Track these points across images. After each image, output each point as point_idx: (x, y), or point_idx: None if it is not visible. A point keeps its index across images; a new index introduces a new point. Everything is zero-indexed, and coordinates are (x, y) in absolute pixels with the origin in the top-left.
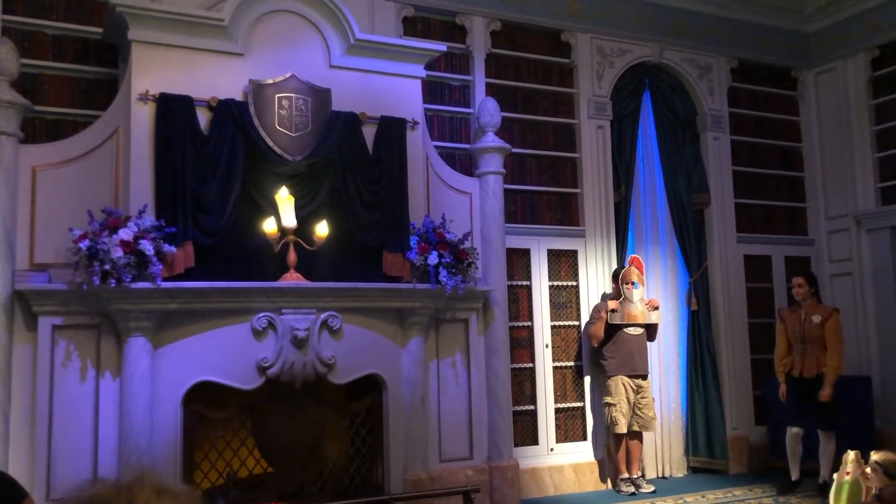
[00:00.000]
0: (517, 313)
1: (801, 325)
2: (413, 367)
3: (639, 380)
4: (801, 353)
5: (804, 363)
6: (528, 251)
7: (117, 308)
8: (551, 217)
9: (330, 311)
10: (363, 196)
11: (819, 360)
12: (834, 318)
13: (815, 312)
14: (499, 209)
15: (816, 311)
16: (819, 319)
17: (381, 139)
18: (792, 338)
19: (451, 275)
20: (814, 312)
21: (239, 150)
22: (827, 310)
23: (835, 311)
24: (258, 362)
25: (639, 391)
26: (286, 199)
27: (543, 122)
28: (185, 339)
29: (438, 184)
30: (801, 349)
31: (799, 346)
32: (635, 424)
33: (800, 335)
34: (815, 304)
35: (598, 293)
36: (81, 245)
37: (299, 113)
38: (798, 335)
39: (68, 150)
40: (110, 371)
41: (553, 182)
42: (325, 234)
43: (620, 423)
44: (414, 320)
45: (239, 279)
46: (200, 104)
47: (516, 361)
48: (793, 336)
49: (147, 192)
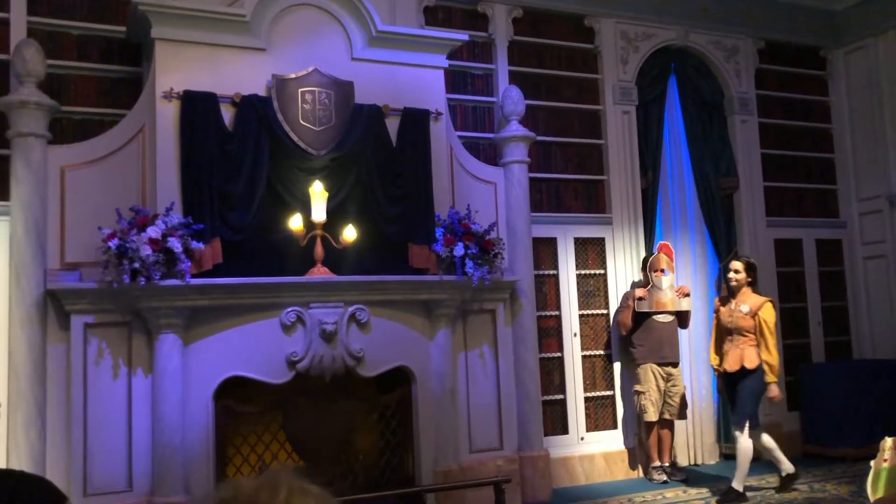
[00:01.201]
0: (544, 303)
1: (730, 315)
2: (441, 359)
3: (669, 367)
4: (735, 347)
5: (728, 356)
6: (555, 240)
7: (147, 305)
8: (577, 205)
9: (357, 304)
10: (388, 189)
11: (743, 353)
12: (765, 308)
13: (745, 302)
14: (524, 198)
15: (746, 300)
16: (746, 310)
17: (405, 131)
18: (723, 329)
19: (478, 266)
20: (743, 302)
21: (264, 146)
22: (758, 300)
23: (767, 301)
24: (287, 356)
25: (669, 379)
26: (320, 194)
27: (568, 109)
28: (215, 335)
29: (463, 174)
30: (728, 341)
31: (727, 338)
32: (666, 412)
33: (728, 326)
34: (748, 294)
35: (627, 281)
36: (111, 244)
37: (322, 107)
38: (727, 326)
39: (96, 150)
40: (142, 368)
41: (579, 169)
42: (352, 238)
43: (650, 412)
44: (441, 312)
45: (266, 274)
46: (224, 100)
47: (544, 351)
48: (724, 327)
49: (174, 190)
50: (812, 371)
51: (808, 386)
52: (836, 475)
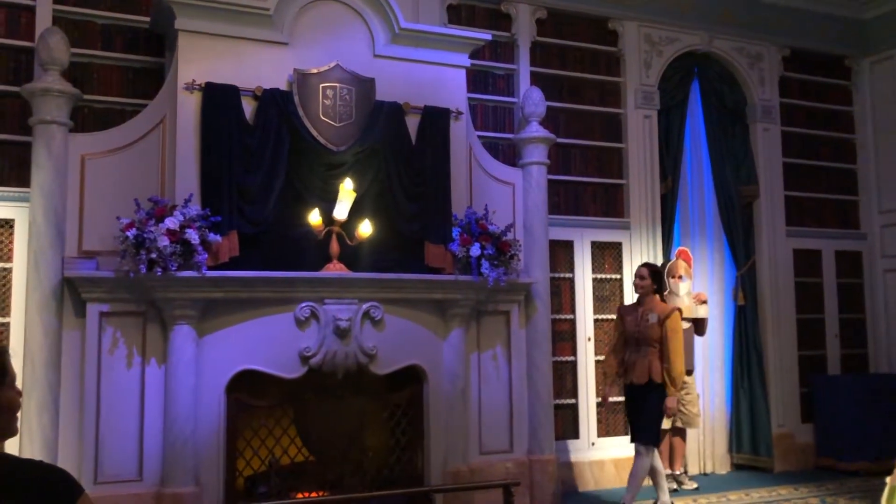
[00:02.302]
0: (559, 306)
1: (636, 325)
2: (454, 359)
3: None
4: (642, 357)
5: (635, 368)
6: (572, 243)
7: (163, 296)
8: (596, 208)
9: (372, 301)
10: (406, 187)
11: (651, 365)
12: (674, 317)
13: (652, 310)
14: (542, 200)
15: (654, 308)
16: (655, 319)
17: (425, 129)
18: (629, 338)
19: (494, 266)
20: (651, 310)
21: (284, 140)
22: (665, 308)
23: (675, 310)
24: (301, 352)
25: (683, 386)
26: (349, 192)
27: (589, 112)
28: (229, 328)
29: (481, 174)
30: (635, 352)
31: (633, 349)
32: (679, 421)
33: (635, 336)
34: (656, 302)
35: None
36: (128, 233)
37: (343, 103)
38: (633, 336)
39: (116, 139)
40: (156, 358)
41: (598, 173)
42: (367, 233)
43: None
44: (455, 312)
45: (282, 269)
46: (246, 93)
47: (558, 354)
48: (629, 336)
49: (193, 182)
50: (827, 383)
51: (822, 398)
52: (848, 489)
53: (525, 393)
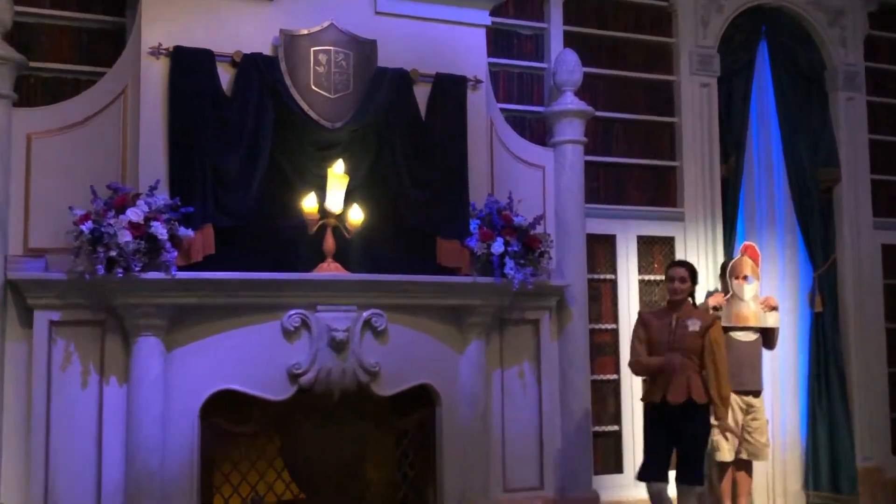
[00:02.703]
0: (599, 313)
1: (670, 333)
2: (472, 378)
3: (749, 397)
4: (681, 372)
5: (670, 384)
6: (614, 238)
7: (125, 302)
8: (642, 196)
9: (374, 308)
10: (414, 170)
11: (691, 383)
12: (717, 326)
13: (692, 317)
14: (578, 186)
15: (692, 315)
16: (696, 327)
17: (437, 101)
18: (655, 349)
19: (520, 266)
20: (689, 317)
21: (267, 115)
22: (707, 316)
23: (718, 318)
24: (289, 368)
25: (749, 411)
26: (339, 177)
27: (634, 80)
28: (204, 340)
29: (505, 155)
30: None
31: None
32: (744, 452)
33: (667, 346)
34: (691, 308)
35: (701, 290)
36: (83, 227)
37: (339, 70)
38: (664, 346)
39: (68, 115)
40: (116, 376)
41: (645, 153)
42: (358, 220)
43: (724, 450)
44: (474, 321)
45: (266, 269)
46: (222, 59)
47: (597, 372)
48: (657, 347)
49: (160, 165)
50: None
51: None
52: None
53: (558, 418)
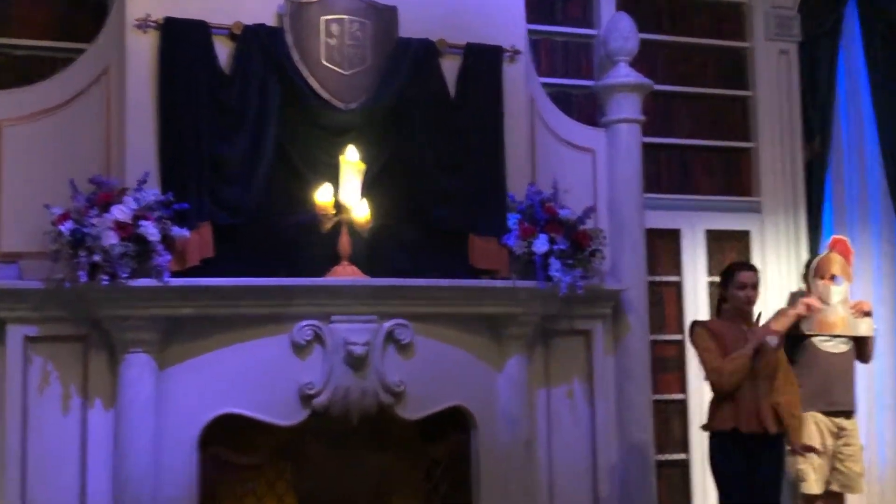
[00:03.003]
0: (661, 322)
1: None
2: (513, 398)
3: (840, 418)
4: (753, 396)
5: (760, 411)
6: (678, 233)
7: (111, 313)
8: (711, 183)
9: (397, 318)
10: (442, 157)
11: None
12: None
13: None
14: (635, 173)
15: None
16: (776, 343)
17: (468, 76)
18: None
19: (567, 267)
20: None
21: (272, 96)
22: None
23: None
24: (300, 388)
25: (840, 435)
26: (353, 165)
27: (700, 47)
28: (202, 357)
29: (548, 138)
30: (751, 388)
31: (747, 383)
32: (835, 483)
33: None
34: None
35: (782, 293)
36: (62, 228)
37: (354, 42)
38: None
39: (43, 98)
40: (101, 399)
41: (714, 133)
42: (365, 217)
43: (811, 480)
44: (514, 332)
45: (273, 273)
46: (219, 32)
47: (661, 391)
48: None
49: (149, 155)
50: None
51: None
52: None
53: (615, 445)
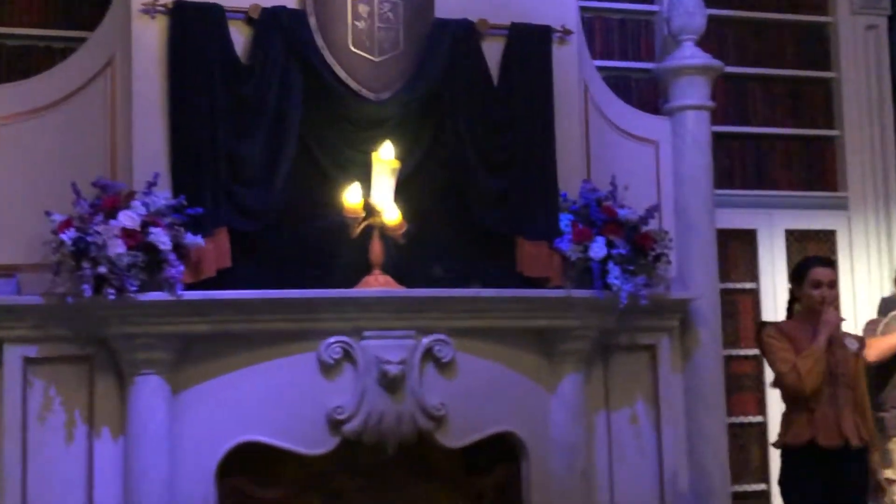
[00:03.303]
0: (736, 335)
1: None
2: (568, 423)
3: None
4: (832, 405)
5: (841, 421)
6: (754, 234)
7: (118, 331)
8: (791, 177)
9: (437, 333)
10: (485, 152)
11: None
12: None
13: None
14: (704, 166)
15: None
16: (855, 347)
17: (513, 60)
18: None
19: (628, 274)
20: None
21: (294, 87)
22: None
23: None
24: (329, 414)
25: None
26: (387, 164)
27: (776, 23)
28: (220, 378)
29: (604, 128)
30: (830, 396)
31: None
32: None
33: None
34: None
35: (873, 301)
36: (64, 237)
37: (386, 25)
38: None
39: (41, 93)
40: (109, 427)
41: (793, 119)
42: (399, 220)
43: None
44: (569, 348)
45: (297, 285)
46: (235, 17)
47: (736, 413)
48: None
49: (159, 155)
50: None
51: None
52: None
53: (685, 474)
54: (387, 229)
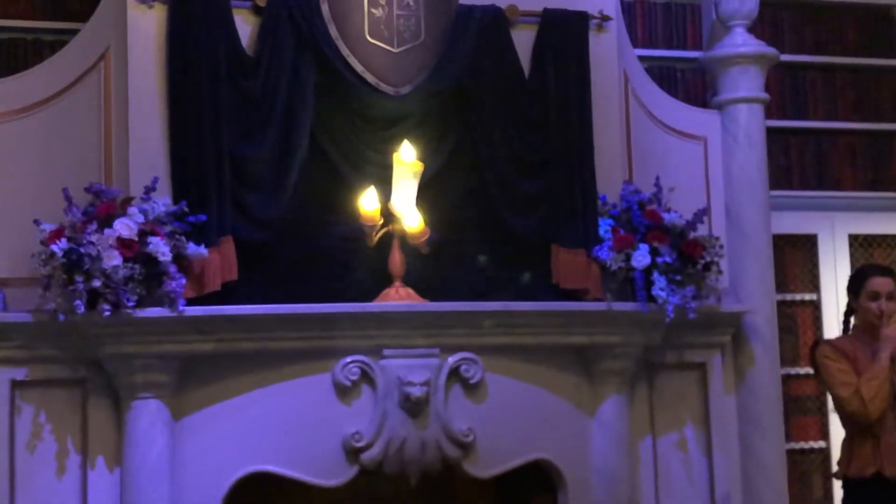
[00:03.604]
0: (794, 351)
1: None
2: (610, 449)
3: None
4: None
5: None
6: (814, 239)
7: (114, 351)
8: (855, 176)
9: (464, 351)
10: (517, 152)
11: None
12: None
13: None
14: (758, 165)
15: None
16: None
17: (546, 50)
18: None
19: (675, 286)
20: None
21: (305, 81)
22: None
23: None
24: (346, 441)
25: None
26: (409, 166)
27: (837, 6)
28: (225, 403)
29: (647, 123)
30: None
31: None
32: None
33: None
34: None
35: None
36: (55, 248)
37: (405, 12)
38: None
39: (30, 90)
40: (104, 457)
41: (857, 113)
42: (418, 228)
43: None
44: (609, 367)
45: (309, 299)
46: (240, 4)
47: (796, 438)
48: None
49: (158, 157)
50: None
51: None
52: None
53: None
54: (408, 237)
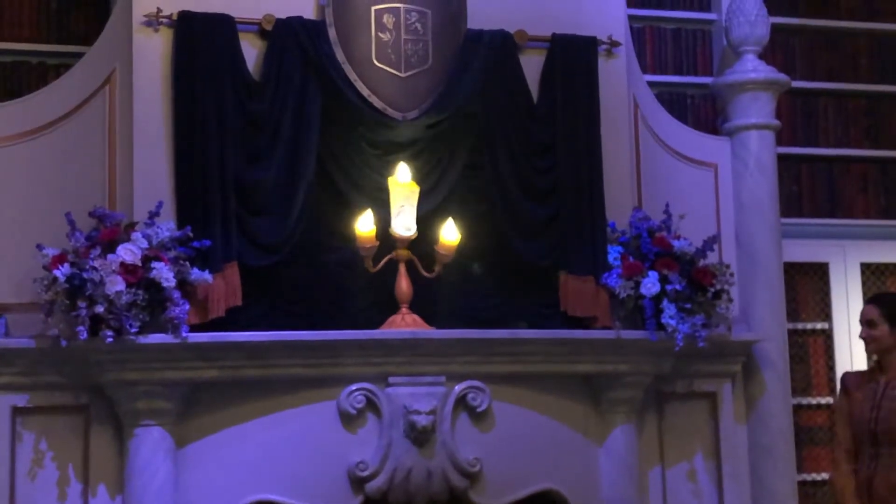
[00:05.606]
0: (806, 381)
1: (872, 409)
2: (619, 480)
3: None
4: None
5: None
6: (826, 268)
7: (117, 378)
8: (868, 204)
9: (470, 379)
10: (526, 177)
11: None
12: None
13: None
14: (769, 192)
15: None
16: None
17: (554, 76)
18: (859, 432)
19: (685, 314)
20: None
21: (312, 106)
22: None
23: None
24: (351, 470)
25: None
26: (405, 188)
27: (849, 32)
28: (229, 430)
29: (656, 149)
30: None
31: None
32: None
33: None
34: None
35: None
36: (57, 273)
37: (413, 37)
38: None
39: (33, 114)
40: (106, 485)
41: (869, 140)
42: (453, 241)
43: None
44: (618, 396)
45: (314, 326)
46: (247, 28)
47: (808, 469)
48: (861, 428)
49: (162, 182)
50: None
51: None
52: None
53: None
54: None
